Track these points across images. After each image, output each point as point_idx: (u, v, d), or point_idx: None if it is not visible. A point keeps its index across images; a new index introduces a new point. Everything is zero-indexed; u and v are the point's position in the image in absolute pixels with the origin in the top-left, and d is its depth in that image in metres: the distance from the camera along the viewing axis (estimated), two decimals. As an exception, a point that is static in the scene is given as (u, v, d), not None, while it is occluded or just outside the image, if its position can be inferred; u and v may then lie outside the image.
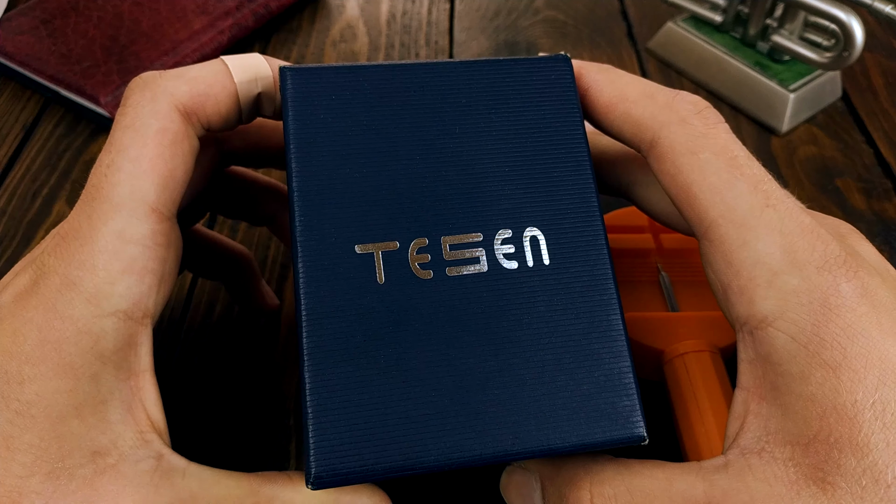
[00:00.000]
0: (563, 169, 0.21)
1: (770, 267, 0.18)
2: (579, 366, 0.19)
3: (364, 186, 0.20)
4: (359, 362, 0.18)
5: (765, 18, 0.40)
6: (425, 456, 0.18)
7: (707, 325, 0.26)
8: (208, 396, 0.28)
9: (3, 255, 0.33)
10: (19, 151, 0.38)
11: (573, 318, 0.19)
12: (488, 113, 0.21)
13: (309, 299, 0.19)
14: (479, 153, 0.20)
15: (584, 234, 0.20)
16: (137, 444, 0.18)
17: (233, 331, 0.30)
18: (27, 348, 0.17)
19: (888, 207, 0.36)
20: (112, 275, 0.18)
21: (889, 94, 0.42)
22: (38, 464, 0.17)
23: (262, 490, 0.19)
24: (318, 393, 0.18)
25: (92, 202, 0.19)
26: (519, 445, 0.18)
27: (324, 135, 0.20)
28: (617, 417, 0.19)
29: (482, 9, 0.49)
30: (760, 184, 0.19)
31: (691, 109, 0.20)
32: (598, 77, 0.22)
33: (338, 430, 0.18)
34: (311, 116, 0.20)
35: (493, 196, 0.20)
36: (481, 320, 0.19)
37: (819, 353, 0.17)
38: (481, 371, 0.19)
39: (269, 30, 0.47)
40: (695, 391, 0.24)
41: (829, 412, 0.17)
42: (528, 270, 0.19)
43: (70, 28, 0.42)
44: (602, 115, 0.22)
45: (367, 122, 0.20)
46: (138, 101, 0.19)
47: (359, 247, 0.19)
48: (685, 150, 0.19)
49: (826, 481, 0.16)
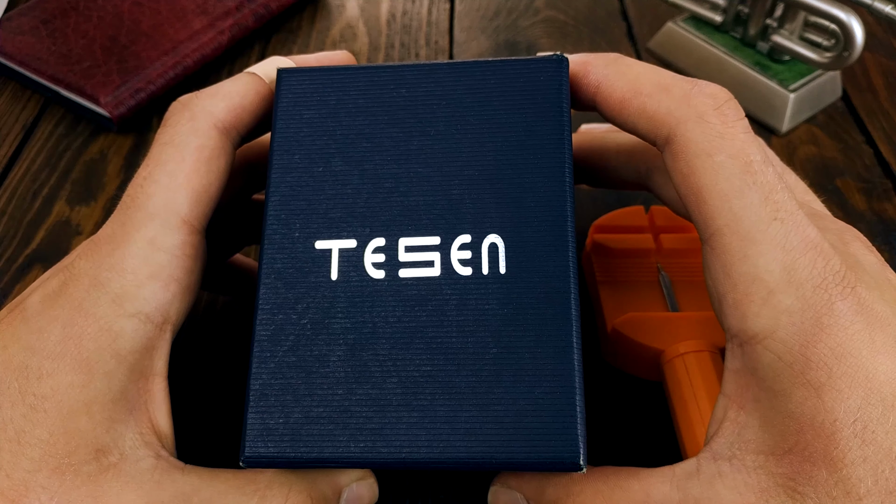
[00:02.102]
0: (537, 175, 0.20)
1: (767, 285, 0.18)
2: (519, 380, 0.18)
3: (334, 184, 0.20)
4: (304, 353, 0.19)
5: (765, 18, 0.40)
6: (353, 451, 0.18)
7: (707, 325, 0.26)
8: (208, 396, 0.28)
9: (3, 255, 0.33)
10: (19, 151, 0.38)
11: (521, 330, 0.19)
12: (467, 115, 0.21)
13: (265, 289, 0.19)
14: (453, 156, 0.20)
15: (547, 244, 0.19)
16: (137, 444, 0.18)
17: (233, 331, 0.30)
18: (50, 344, 0.18)
19: (888, 207, 0.36)
20: (139, 278, 0.19)
21: (889, 94, 0.42)
22: (46, 459, 0.17)
23: (258, 478, 0.19)
24: (260, 378, 0.19)
25: (127, 211, 0.19)
26: (445, 454, 0.18)
27: (305, 134, 0.21)
28: (550, 439, 0.18)
29: (482, 9, 0.49)
30: (772, 193, 0.18)
31: (710, 104, 0.19)
32: (608, 71, 0.21)
33: (273, 415, 0.18)
34: (295, 116, 0.21)
35: (458, 200, 0.20)
36: (426, 324, 0.19)
37: (804, 374, 0.17)
38: (419, 375, 0.18)
39: (269, 30, 0.47)
40: (695, 391, 0.24)
41: (807, 428, 0.17)
42: (481, 278, 0.19)
43: (70, 28, 0.42)
44: (616, 111, 0.21)
45: (348, 122, 0.21)
46: (178, 121, 0.20)
47: (318, 242, 0.20)
48: (700, 150, 0.19)
49: (797, 491, 0.16)
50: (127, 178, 0.37)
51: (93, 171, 0.37)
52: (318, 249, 0.20)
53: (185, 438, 0.21)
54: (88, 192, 0.36)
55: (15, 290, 0.31)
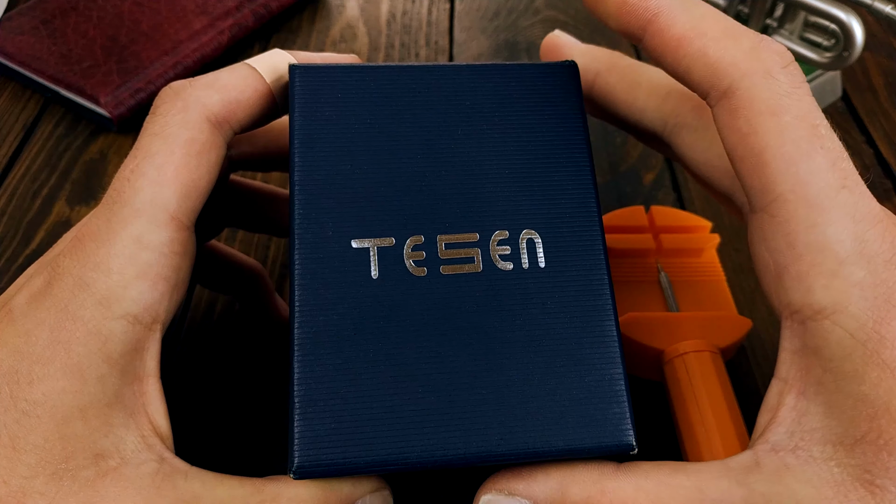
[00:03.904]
0: (564, 174, 0.21)
1: (837, 255, 0.16)
2: (570, 370, 0.19)
3: (364, 183, 0.20)
4: (348, 355, 0.18)
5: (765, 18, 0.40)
6: (409, 453, 0.18)
7: (707, 325, 0.26)
8: (208, 397, 0.28)
9: (3, 255, 0.33)
10: (19, 151, 0.38)
11: (566, 321, 0.19)
12: (492, 116, 0.21)
13: (302, 291, 0.19)
14: (480, 155, 0.20)
15: (581, 239, 0.20)
16: (139, 447, 0.18)
17: (233, 331, 0.30)
18: (38, 349, 0.17)
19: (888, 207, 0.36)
20: (126, 279, 0.18)
21: (889, 94, 0.42)
22: (43, 465, 0.17)
23: (265, 488, 0.18)
24: (305, 383, 0.18)
25: (112, 206, 0.19)
26: (504, 447, 0.18)
27: (327, 131, 0.20)
28: (606, 424, 0.18)
29: (482, 9, 0.49)
30: (839, 161, 0.17)
31: (778, 62, 0.18)
32: (672, 2, 0.18)
33: (323, 421, 0.18)
34: (315, 113, 0.20)
35: (491, 197, 0.20)
36: (473, 319, 0.19)
37: (878, 352, 0.16)
38: (470, 370, 0.18)
39: (269, 30, 0.47)
40: (695, 391, 0.24)
41: (882, 413, 0.16)
42: (523, 272, 0.19)
43: (70, 28, 0.42)
44: (671, 49, 0.18)
45: (370, 120, 0.20)
46: (168, 110, 0.19)
47: (355, 241, 0.19)
48: (766, 108, 0.17)
49: (874, 484, 0.15)
50: (127, 178, 0.37)
51: (93, 171, 0.37)
52: (355, 248, 0.19)
53: (190, 440, 0.21)
54: (88, 192, 0.36)
55: (15, 290, 0.31)
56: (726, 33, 0.18)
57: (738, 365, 0.29)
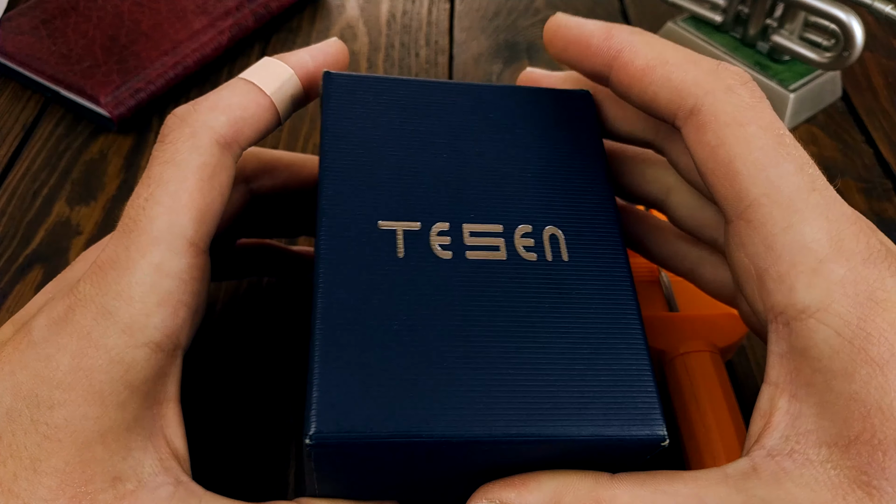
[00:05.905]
0: (583, 179, 0.21)
1: (816, 254, 0.17)
2: (597, 358, 0.18)
3: (390, 174, 0.20)
4: (371, 325, 0.18)
5: (765, 18, 0.40)
6: (433, 426, 0.17)
7: (707, 325, 0.26)
8: (208, 399, 0.28)
9: (3, 255, 0.33)
10: (19, 151, 0.38)
11: (592, 311, 0.19)
12: (513, 127, 0.22)
13: (326, 266, 0.18)
14: (503, 158, 0.21)
15: (602, 238, 0.20)
16: (156, 470, 0.18)
17: (233, 332, 0.30)
18: (59, 374, 0.17)
19: (888, 207, 0.36)
20: (148, 307, 0.18)
21: (889, 94, 0.42)
22: (63, 488, 0.17)
23: None
24: (326, 349, 0.17)
25: (130, 234, 0.19)
26: (529, 428, 0.17)
27: (357, 127, 0.21)
28: (636, 414, 0.18)
29: (482, 9, 0.49)
30: (806, 166, 0.17)
31: (738, 79, 0.19)
32: (633, 38, 0.20)
33: (343, 387, 0.17)
34: (347, 111, 0.21)
35: (514, 195, 0.21)
36: (499, 301, 0.19)
37: (865, 349, 0.16)
38: (495, 350, 0.18)
39: (269, 30, 0.47)
40: (695, 391, 0.24)
41: (874, 412, 0.15)
42: (547, 263, 0.20)
43: (70, 28, 0.42)
44: (637, 79, 0.20)
45: (399, 122, 0.21)
46: (178, 137, 0.20)
47: (381, 223, 0.19)
48: (731, 120, 0.18)
49: (871, 485, 0.15)
50: (127, 178, 0.37)
51: (93, 171, 0.37)
52: (381, 229, 0.19)
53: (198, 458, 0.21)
54: (88, 193, 0.36)
55: (14, 291, 0.31)
56: (687, 59, 0.19)
57: (738, 365, 0.29)
